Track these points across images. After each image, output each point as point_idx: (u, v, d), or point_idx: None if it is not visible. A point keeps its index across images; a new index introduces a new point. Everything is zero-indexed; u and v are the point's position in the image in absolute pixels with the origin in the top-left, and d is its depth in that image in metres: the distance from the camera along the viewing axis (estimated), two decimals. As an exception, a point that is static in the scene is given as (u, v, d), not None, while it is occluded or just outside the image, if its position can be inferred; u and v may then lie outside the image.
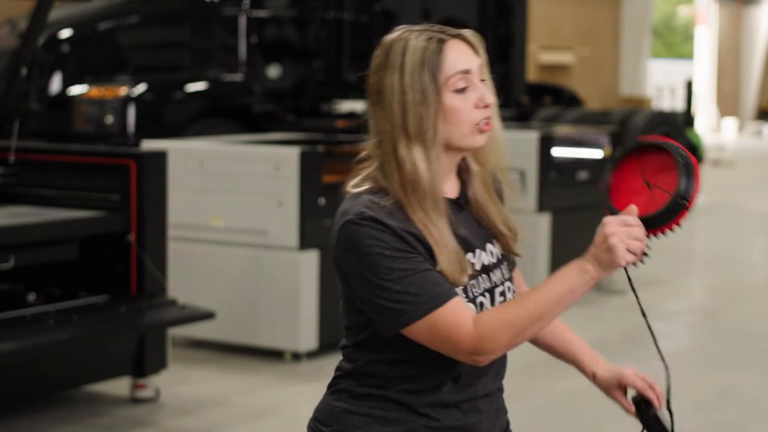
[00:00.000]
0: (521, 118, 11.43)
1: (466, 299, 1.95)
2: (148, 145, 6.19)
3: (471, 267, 1.98)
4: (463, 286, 1.95)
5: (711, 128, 27.82)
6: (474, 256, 2.00)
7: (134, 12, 8.97)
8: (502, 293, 2.03)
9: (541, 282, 1.94)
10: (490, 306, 1.99)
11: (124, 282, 5.09)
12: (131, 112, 8.06)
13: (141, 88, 8.18)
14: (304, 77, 9.55)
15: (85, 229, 5.06)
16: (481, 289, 1.99)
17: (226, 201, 5.97)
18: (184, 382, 5.54)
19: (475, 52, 1.99)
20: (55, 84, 8.32)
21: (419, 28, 1.98)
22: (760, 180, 16.96)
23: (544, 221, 7.40)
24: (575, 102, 13.99)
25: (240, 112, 8.88)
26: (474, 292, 1.97)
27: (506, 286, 2.04)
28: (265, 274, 5.83)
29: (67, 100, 8.23)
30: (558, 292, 1.89)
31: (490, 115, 1.98)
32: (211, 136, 7.69)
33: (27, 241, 4.85)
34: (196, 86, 8.72)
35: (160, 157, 5.18)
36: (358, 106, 9.57)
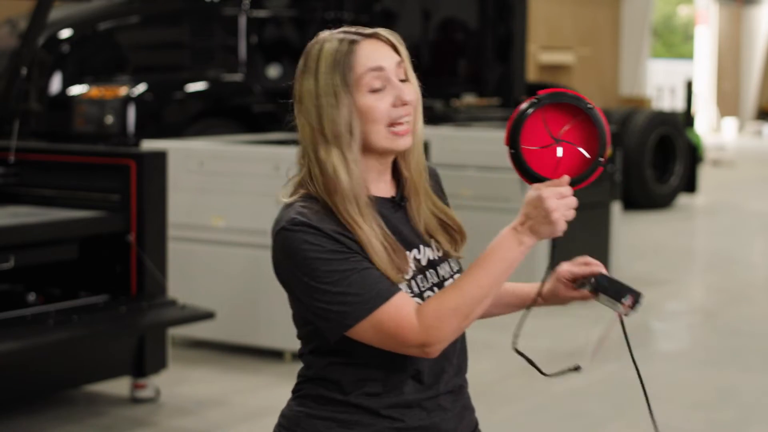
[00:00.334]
0: (521, 118, 11.41)
1: (413, 294, 1.96)
2: (148, 145, 6.19)
3: (416, 263, 1.99)
4: (409, 282, 1.96)
5: (711, 128, 27.81)
6: (419, 252, 2.01)
7: (134, 12, 8.97)
8: None
9: (477, 261, 1.93)
10: None
11: (124, 282, 5.09)
12: (131, 112, 8.05)
13: (141, 88, 8.18)
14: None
15: (85, 229, 5.06)
16: (429, 283, 1.99)
17: (226, 201, 5.97)
18: (184, 382, 5.54)
19: (395, 51, 1.99)
20: (55, 84, 8.32)
21: (337, 30, 1.99)
22: (760, 180, 16.96)
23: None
24: (575, 102, 13.99)
25: (240, 112, 8.88)
26: (422, 287, 1.98)
27: (455, 279, 2.04)
28: (265, 274, 5.81)
29: (67, 100, 8.22)
30: (498, 269, 1.91)
31: (408, 113, 1.97)
32: (211, 136, 7.69)
33: (27, 241, 4.86)
34: (196, 86, 8.72)
35: (160, 157, 5.18)
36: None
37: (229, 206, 5.95)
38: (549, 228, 1.92)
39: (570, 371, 2.08)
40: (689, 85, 15.03)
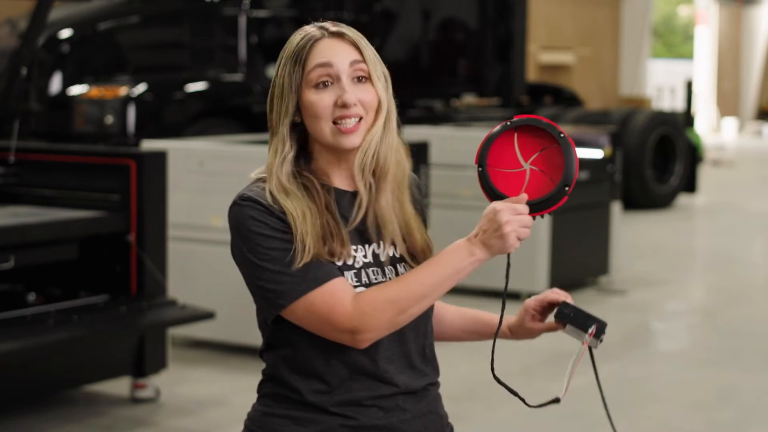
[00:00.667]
0: (521, 118, 11.42)
1: (362, 285, 1.97)
2: (148, 145, 6.18)
3: (374, 257, 2.00)
4: (359, 271, 1.97)
5: (711, 128, 27.81)
6: (378, 247, 2.02)
7: (134, 12, 8.97)
8: None
9: (426, 262, 1.96)
10: None
11: (124, 282, 5.09)
12: (131, 112, 8.05)
13: (141, 88, 8.18)
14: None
15: (85, 229, 5.06)
16: (387, 279, 2.00)
17: (226, 201, 5.89)
18: (184, 382, 5.54)
19: (357, 51, 1.99)
20: (55, 84, 8.32)
21: (313, 25, 2.04)
22: (760, 180, 16.96)
23: (544, 221, 7.40)
24: (575, 102, 14.00)
25: (240, 112, 8.88)
26: (373, 280, 1.99)
27: None
28: (265, 274, 5.82)
29: (67, 100, 8.22)
30: (444, 274, 1.92)
31: (352, 115, 1.97)
32: (211, 136, 7.69)
33: (27, 241, 4.85)
34: (196, 86, 8.72)
35: (160, 157, 5.18)
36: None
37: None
38: (500, 242, 1.90)
39: (550, 403, 2.10)
40: (689, 85, 15.04)
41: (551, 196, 1.95)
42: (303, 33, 2.01)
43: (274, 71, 2.02)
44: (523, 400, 2.11)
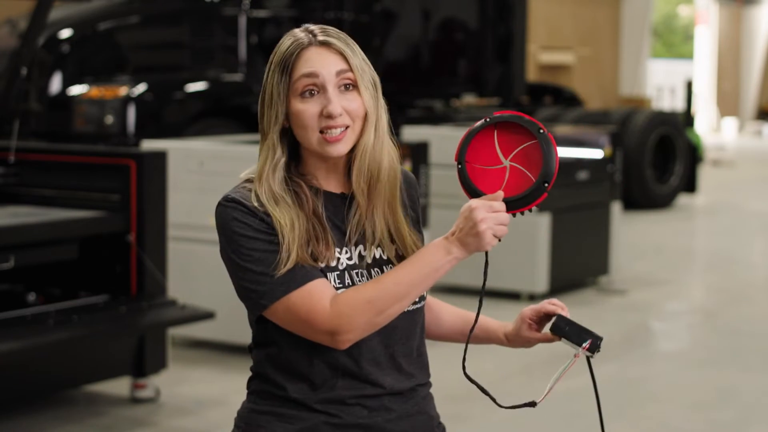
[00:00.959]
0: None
1: (344, 286, 1.97)
2: (148, 145, 6.19)
3: (360, 259, 2.01)
4: (342, 273, 1.98)
5: (711, 128, 27.81)
6: (365, 249, 2.02)
7: (134, 12, 8.97)
8: None
9: (404, 261, 1.96)
10: None
11: (124, 282, 5.09)
12: (131, 112, 8.05)
13: (141, 88, 8.18)
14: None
15: (85, 229, 5.06)
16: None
17: (226, 201, 5.95)
18: (184, 382, 5.54)
19: (343, 60, 1.98)
20: (55, 84, 8.32)
21: (302, 29, 2.02)
22: (760, 180, 16.96)
23: (544, 221, 7.40)
24: (575, 102, 14.00)
25: (240, 112, 8.88)
26: (357, 282, 1.99)
27: None
28: (265, 274, 5.82)
29: (67, 100, 8.23)
30: (421, 273, 1.92)
31: (338, 125, 1.97)
32: (211, 136, 7.69)
33: (27, 241, 4.85)
34: (196, 86, 8.72)
35: (160, 157, 5.18)
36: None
37: (229, 206, 5.94)
38: (476, 240, 1.89)
39: (524, 406, 2.09)
40: (689, 85, 15.04)
41: (530, 192, 1.95)
42: (291, 38, 2.00)
43: (264, 76, 2.03)
44: (494, 400, 2.10)
